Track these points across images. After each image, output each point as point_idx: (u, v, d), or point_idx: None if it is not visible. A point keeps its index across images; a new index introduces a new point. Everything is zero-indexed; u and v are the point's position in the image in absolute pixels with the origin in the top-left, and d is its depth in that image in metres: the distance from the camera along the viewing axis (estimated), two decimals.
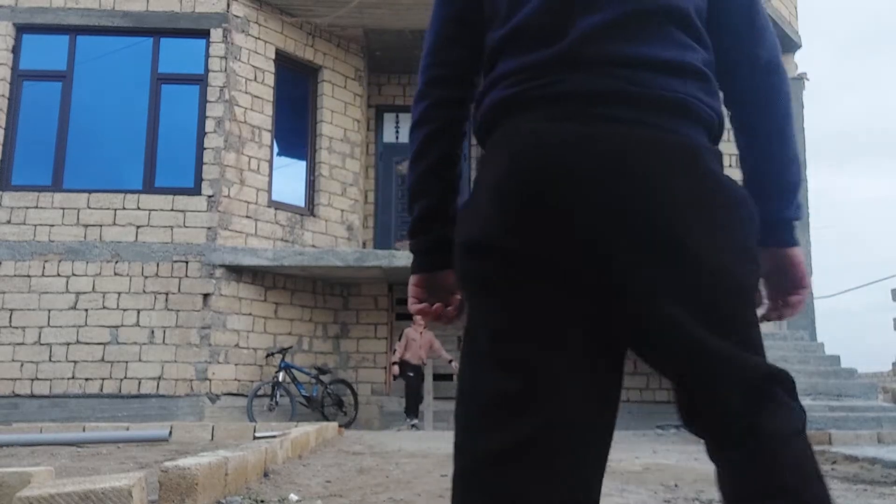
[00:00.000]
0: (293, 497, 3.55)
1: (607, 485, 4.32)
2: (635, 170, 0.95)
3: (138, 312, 8.83)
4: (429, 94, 1.21)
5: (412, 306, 1.26)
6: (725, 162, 1.07)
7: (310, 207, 10.24)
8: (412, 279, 1.26)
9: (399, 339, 9.56)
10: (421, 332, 9.45)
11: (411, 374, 9.33)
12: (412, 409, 9.34)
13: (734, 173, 1.06)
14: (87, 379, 8.64)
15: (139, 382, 8.69)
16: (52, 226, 8.97)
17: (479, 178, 1.08)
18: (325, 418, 9.01)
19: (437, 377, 9.87)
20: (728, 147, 1.08)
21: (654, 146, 0.97)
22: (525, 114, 1.03)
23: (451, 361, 9.45)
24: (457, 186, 1.22)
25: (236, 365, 9.03)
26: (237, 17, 9.61)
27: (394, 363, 9.38)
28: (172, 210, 9.11)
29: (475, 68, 1.20)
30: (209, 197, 9.13)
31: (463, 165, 1.27)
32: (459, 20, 1.21)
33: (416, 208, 1.22)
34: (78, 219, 9.01)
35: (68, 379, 8.63)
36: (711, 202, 0.97)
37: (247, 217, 9.42)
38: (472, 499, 1.03)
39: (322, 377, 9.42)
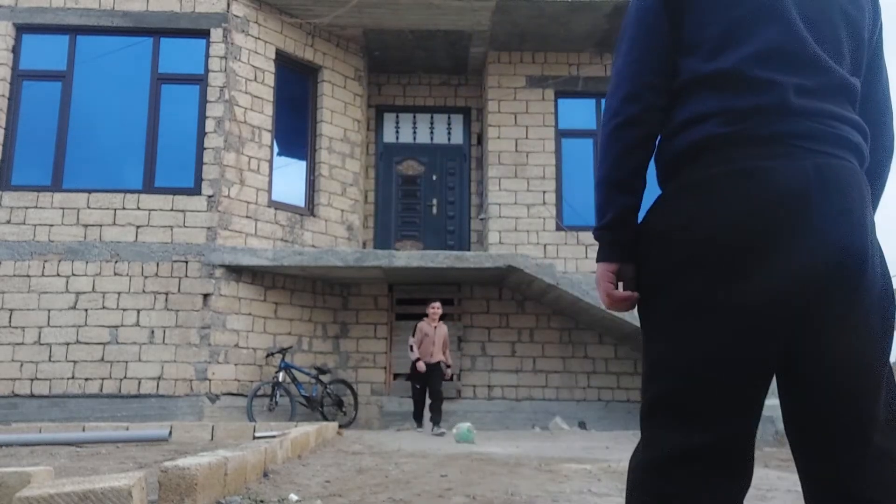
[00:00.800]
0: (293, 497, 3.55)
1: (607, 485, 4.31)
2: (852, 193, 1.26)
3: (138, 312, 8.83)
4: (644, 98, 1.37)
5: (615, 293, 1.42)
6: None
7: (310, 207, 10.24)
8: (608, 266, 1.42)
9: (412, 335, 8.97)
10: (435, 327, 8.86)
11: (418, 387, 8.89)
12: (419, 415, 8.91)
13: None
14: (86, 379, 8.64)
15: (139, 382, 8.68)
16: (52, 226, 8.97)
17: (693, 194, 1.30)
18: (325, 418, 9.01)
19: None
20: None
21: (854, 175, 1.28)
22: (746, 149, 1.27)
23: (449, 366, 9.05)
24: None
25: (236, 365, 9.03)
26: (237, 17, 9.60)
27: (418, 359, 8.66)
28: (172, 210, 9.11)
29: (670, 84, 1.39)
30: (209, 197, 9.13)
31: None
32: (667, 38, 1.39)
33: (616, 205, 1.40)
34: (78, 219, 9.00)
35: (68, 379, 8.62)
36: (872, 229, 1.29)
37: (247, 217, 9.42)
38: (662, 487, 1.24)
39: (322, 377, 9.41)
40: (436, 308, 8.98)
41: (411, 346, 8.86)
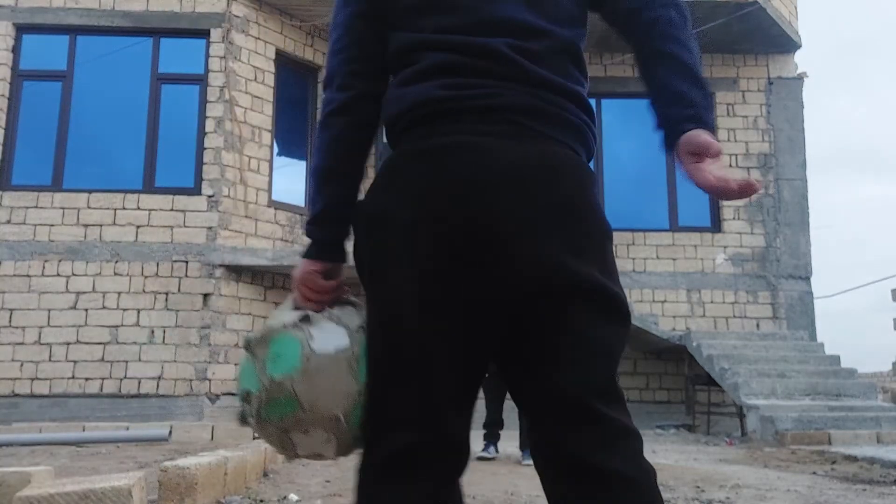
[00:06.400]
0: (293, 497, 3.55)
1: None
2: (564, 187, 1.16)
3: (138, 312, 8.82)
4: (352, 86, 1.28)
5: (320, 283, 1.28)
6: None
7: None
8: (312, 265, 1.28)
9: None
10: None
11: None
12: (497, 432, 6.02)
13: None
14: (86, 379, 8.64)
15: (139, 382, 8.68)
16: (52, 226, 8.96)
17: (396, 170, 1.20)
18: None
19: None
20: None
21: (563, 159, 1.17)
22: (461, 121, 1.16)
23: None
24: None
25: (236, 365, 9.01)
26: (237, 17, 9.60)
27: None
28: (172, 210, 9.11)
29: (384, 66, 1.28)
30: (209, 197, 9.13)
31: None
32: (368, 20, 1.29)
33: (324, 196, 1.27)
34: (78, 219, 9.00)
35: (68, 379, 8.62)
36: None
37: (247, 217, 9.41)
38: None
39: None
40: None
41: None
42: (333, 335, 1.19)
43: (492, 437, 5.87)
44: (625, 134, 11.08)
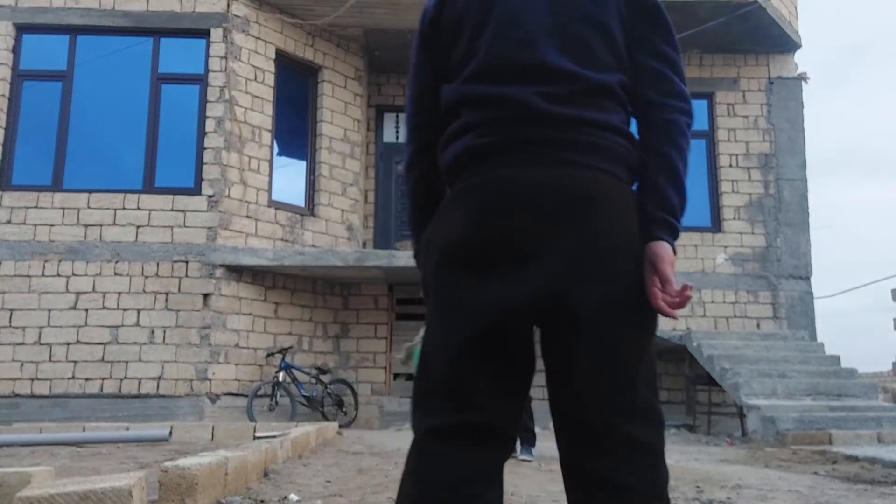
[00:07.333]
0: (293, 497, 3.55)
1: None
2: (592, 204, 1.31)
3: (138, 312, 8.82)
4: (413, 141, 1.56)
5: None
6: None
7: (310, 207, 10.24)
8: (422, 290, 1.54)
9: None
10: None
11: None
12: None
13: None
14: (87, 379, 8.64)
15: (139, 382, 8.68)
16: (52, 226, 8.96)
17: (446, 205, 1.41)
18: (326, 418, 9.00)
19: None
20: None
21: (600, 185, 1.33)
22: (496, 159, 1.33)
23: None
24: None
25: (236, 365, 9.03)
26: (237, 16, 9.60)
27: None
28: (172, 210, 9.11)
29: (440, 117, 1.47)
30: (209, 197, 9.13)
31: None
32: (427, 76, 1.51)
33: (414, 238, 1.57)
34: (78, 219, 9.00)
35: (68, 379, 8.62)
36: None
37: (247, 217, 9.41)
38: None
39: (322, 377, 9.41)
40: None
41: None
42: None
43: (525, 441, 5.74)
44: None
